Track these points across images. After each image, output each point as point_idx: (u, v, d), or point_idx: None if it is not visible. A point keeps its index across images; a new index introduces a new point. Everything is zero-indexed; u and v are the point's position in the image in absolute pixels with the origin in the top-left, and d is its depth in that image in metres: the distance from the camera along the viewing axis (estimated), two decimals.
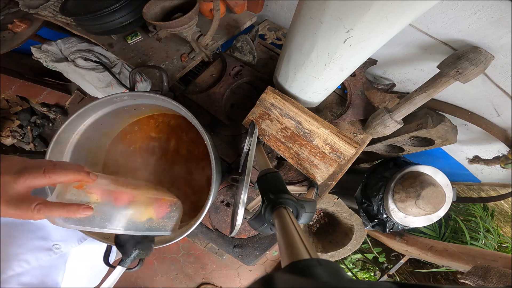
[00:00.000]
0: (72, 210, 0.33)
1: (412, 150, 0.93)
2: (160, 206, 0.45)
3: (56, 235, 0.50)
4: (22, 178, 0.30)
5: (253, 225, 0.40)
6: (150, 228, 0.43)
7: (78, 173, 0.34)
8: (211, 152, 0.47)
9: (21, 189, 0.30)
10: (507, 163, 0.73)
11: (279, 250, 0.26)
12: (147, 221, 0.43)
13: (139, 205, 0.42)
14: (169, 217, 0.46)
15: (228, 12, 0.94)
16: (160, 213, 0.44)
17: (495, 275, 0.70)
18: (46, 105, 1.62)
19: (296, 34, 0.50)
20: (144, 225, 0.42)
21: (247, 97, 0.80)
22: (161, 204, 0.45)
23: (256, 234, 0.76)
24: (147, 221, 0.43)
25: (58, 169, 0.32)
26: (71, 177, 0.34)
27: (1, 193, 0.29)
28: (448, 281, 1.30)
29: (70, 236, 0.53)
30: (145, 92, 0.52)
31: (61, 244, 0.50)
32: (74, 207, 0.33)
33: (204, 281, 1.71)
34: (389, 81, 0.87)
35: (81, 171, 0.35)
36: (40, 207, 0.31)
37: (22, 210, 0.30)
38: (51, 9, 0.94)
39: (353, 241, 1.22)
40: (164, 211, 0.45)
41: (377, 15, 0.36)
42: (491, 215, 1.20)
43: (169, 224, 0.46)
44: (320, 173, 0.66)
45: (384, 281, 0.19)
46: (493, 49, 0.52)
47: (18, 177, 0.30)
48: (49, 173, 0.32)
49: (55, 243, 0.50)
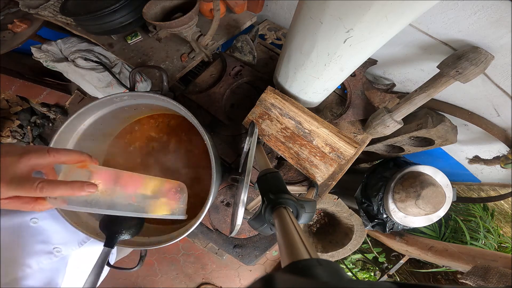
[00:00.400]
0: (76, 187, 0.32)
1: (412, 150, 0.93)
2: (167, 188, 0.44)
3: (56, 238, 0.50)
4: (26, 158, 0.30)
5: (253, 225, 0.40)
6: (157, 211, 0.42)
7: (81, 154, 0.35)
8: (211, 152, 0.47)
9: (24, 168, 0.30)
10: (507, 163, 0.73)
11: (279, 250, 0.26)
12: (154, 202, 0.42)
13: (145, 187, 0.41)
14: (174, 199, 0.45)
15: (228, 12, 0.94)
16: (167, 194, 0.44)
17: (495, 275, 0.70)
18: (46, 105, 1.62)
19: (296, 34, 0.50)
20: (150, 207, 0.41)
21: (247, 97, 0.80)
22: (167, 187, 0.44)
23: (256, 234, 0.76)
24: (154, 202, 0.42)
25: (61, 149, 0.33)
26: (75, 157, 0.34)
27: (2, 174, 0.29)
28: (448, 281, 1.30)
29: (70, 239, 0.52)
30: (145, 92, 0.52)
31: (61, 247, 0.50)
32: (78, 184, 0.32)
33: (204, 281, 1.71)
34: (389, 81, 0.87)
35: (84, 153, 0.36)
36: (43, 185, 0.30)
37: (25, 189, 0.30)
38: (51, 9, 0.94)
39: (353, 241, 1.22)
40: (171, 193, 0.44)
41: (377, 15, 0.36)
42: (491, 215, 1.20)
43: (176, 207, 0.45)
44: (320, 173, 0.66)
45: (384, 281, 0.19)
46: (493, 49, 0.52)
47: (21, 156, 0.30)
48: (53, 152, 0.32)
49: (55, 246, 0.49)
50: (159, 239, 0.52)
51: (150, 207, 0.41)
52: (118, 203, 0.38)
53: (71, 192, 0.32)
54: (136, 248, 0.51)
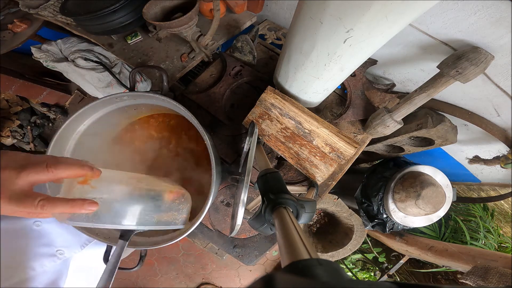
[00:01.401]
0: (77, 205, 0.32)
1: (412, 150, 0.93)
2: (171, 199, 0.44)
3: (59, 241, 0.50)
4: (24, 173, 0.30)
5: (253, 225, 0.40)
6: (160, 222, 0.42)
7: (81, 167, 0.33)
8: (211, 152, 0.47)
9: (24, 184, 0.30)
10: (507, 163, 0.73)
11: (279, 250, 0.26)
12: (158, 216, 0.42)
13: (149, 198, 0.41)
14: (177, 210, 0.45)
15: (228, 12, 0.94)
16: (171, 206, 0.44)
17: (495, 275, 0.70)
18: (46, 105, 1.62)
19: (296, 34, 0.50)
20: (153, 219, 0.41)
21: (247, 97, 0.80)
22: (172, 197, 0.44)
23: (256, 234, 0.76)
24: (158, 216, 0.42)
25: (60, 164, 0.32)
26: (75, 171, 0.33)
27: (2, 189, 0.28)
28: (448, 281, 1.30)
29: (73, 241, 0.53)
30: (145, 92, 0.52)
31: (64, 250, 0.50)
32: (78, 202, 0.32)
33: (204, 281, 1.71)
34: (389, 81, 0.87)
35: (85, 165, 0.34)
36: (44, 203, 0.30)
37: (26, 206, 0.29)
38: (51, 9, 0.94)
39: (353, 241, 1.22)
40: (175, 204, 0.44)
41: (377, 15, 0.36)
42: (491, 215, 1.20)
43: (179, 217, 0.45)
44: (320, 173, 0.66)
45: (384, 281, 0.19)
46: (493, 49, 0.52)
47: (20, 171, 0.29)
48: (51, 168, 0.31)
49: (58, 249, 0.50)
50: (159, 239, 0.52)
51: (153, 219, 0.41)
52: (121, 218, 0.38)
53: (71, 209, 0.32)
54: (136, 248, 0.51)
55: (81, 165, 0.34)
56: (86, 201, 0.33)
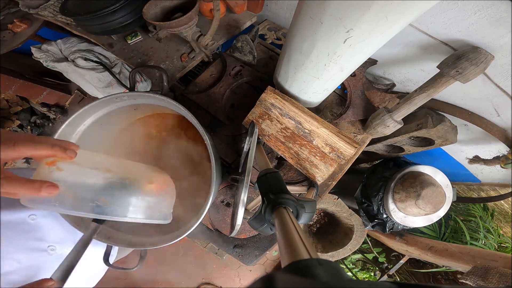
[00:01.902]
0: (35, 188, 0.29)
1: (412, 150, 0.93)
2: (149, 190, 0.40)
3: (52, 236, 0.50)
4: None
5: (253, 225, 0.40)
6: (132, 214, 0.38)
7: (51, 148, 0.31)
8: (211, 152, 0.47)
9: None
10: (507, 163, 0.73)
11: (279, 250, 0.26)
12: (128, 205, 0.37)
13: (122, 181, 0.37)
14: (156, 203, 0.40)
15: (228, 12, 0.94)
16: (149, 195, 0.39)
17: (495, 275, 0.70)
18: (46, 105, 1.62)
19: (296, 34, 0.50)
20: (125, 210, 0.37)
21: (247, 97, 0.80)
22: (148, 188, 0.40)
23: (256, 234, 0.76)
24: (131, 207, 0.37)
25: (28, 142, 0.29)
26: (42, 152, 0.30)
27: None
28: (448, 281, 1.30)
29: (67, 238, 0.52)
30: (145, 92, 0.52)
31: (56, 246, 0.49)
32: (36, 184, 0.29)
33: (204, 281, 1.71)
34: (389, 81, 0.87)
35: (57, 146, 0.31)
36: (3, 182, 0.28)
37: None
38: (51, 9, 0.94)
39: (353, 241, 1.22)
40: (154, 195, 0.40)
41: (377, 15, 0.36)
42: (491, 215, 1.20)
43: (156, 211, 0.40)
44: (320, 173, 0.66)
45: (384, 281, 0.19)
46: (493, 49, 0.52)
47: None
48: (18, 146, 0.29)
49: (50, 245, 0.49)
50: (159, 239, 0.52)
51: (125, 210, 0.37)
52: (84, 204, 0.34)
53: (27, 191, 0.29)
54: (136, 248, 0.51)
55: (51, 145, 0.31)
56: (45, 183, 0.30)
